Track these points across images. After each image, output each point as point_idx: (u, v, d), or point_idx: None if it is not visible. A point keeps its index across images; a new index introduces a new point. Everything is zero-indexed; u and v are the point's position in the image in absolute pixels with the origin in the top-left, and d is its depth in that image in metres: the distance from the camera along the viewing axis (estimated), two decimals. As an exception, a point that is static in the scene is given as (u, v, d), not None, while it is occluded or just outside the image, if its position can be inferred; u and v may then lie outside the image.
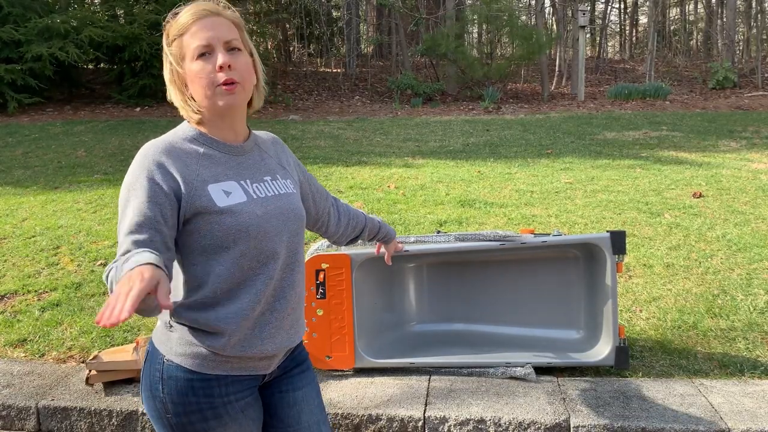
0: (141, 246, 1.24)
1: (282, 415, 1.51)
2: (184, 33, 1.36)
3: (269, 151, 1.53)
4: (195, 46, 1.34)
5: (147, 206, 1.27)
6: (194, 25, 1.35)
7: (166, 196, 1.29)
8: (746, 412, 2.46)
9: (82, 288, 3.77)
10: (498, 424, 2.48)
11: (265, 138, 1.56)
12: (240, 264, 1.35)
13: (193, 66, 1.35)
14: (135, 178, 1.31)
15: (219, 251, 1.34)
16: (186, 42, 1.36)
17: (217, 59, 1.33)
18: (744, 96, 12.73)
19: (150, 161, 1.31)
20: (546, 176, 5.98)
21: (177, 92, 1.40)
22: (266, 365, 1.45)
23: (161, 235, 1.28)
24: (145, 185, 1.29)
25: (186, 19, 1.36)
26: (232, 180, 1.38)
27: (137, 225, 1.26)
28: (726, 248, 4.00)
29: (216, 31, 1.35)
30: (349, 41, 17.12)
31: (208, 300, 1.35)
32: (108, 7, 12.79)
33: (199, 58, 1.34)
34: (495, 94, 12.83)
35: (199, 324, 1.35)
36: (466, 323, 3.16)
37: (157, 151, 1.33)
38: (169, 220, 1.30)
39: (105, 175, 6.47)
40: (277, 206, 1.41)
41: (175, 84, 1.40)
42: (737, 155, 6.80)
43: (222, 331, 1.34)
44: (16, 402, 2.72)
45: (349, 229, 1.82)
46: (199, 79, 1.34)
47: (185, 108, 1.40)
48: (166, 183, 1.30)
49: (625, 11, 23.76)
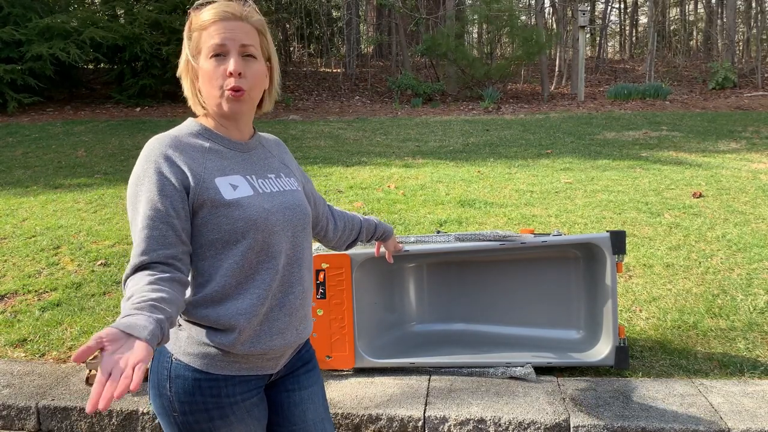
0: (155, 245, 1.26)
1: (288, 414, 1.52)
2: (204, 28, 1.36)
3: (273, 151, 1.54)
4: (210, 45, 1.34)
5: (158, 200, 1.28)
6: (214, 24, 1.35)
7: (175, 188, 1.30)
8: (746, 412, 2.46)
9: (82, 288, 3.77)
10: (498, 424, 2.48)
11: (269, 138, 1.57)
12: (247, 257, 1.35)
13: (205, 64, 1.35)
14: (143, 172, 1.31)
15: (227, 245, 1.34)
16: (204, 38, 1.36)
17: (230, 64, 1.34)
18: (744, 96, 12.73)
19: (157, 155, 1.31)
20: (546, 176, 5.98)
21: (188, 83, 1.41)
22: (273, 365, 1.45)
23: (174, 229, 1.29)
24: (154, 179, 1.29)
25: (208, 16, 1.36)
26: (238, 174, 1.39)
27: (150, 219, 1.27)
28: (726, 248, 4.00)
29: (233, 34, 1.34)
30: (349, 41, 17.12)
31: (216, 295, 1.35)
32: (108, 7, 12.79)
33: (213, 57, 1.35)
34: (495, 94, 12.83)
35: (209, 321, 1.35)
36: (466, 323, 3.16)
37: (164, 144, 1.33)
38: (181, 212, 1.31)
39: (105, 175, 6.47)
40: (282, 202, 1.42)
41: (188, 74, 1.41)
42: (737, 155, 6.80)
43: (232, 327, 1.35)
44: (16, 402, 2.72)
45: (346, 232, 1.82)
46: (209, 79, 1.35)
47: (193, 99, 1.42)
48: (175, 175, 1.30)
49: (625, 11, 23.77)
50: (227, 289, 1.35)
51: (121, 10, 12.71)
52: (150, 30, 11.79)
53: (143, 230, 1.27)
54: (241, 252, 1.34)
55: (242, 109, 1.38)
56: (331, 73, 17.09)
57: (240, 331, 1.35)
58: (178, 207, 1.30)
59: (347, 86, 15.45)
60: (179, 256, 1.30)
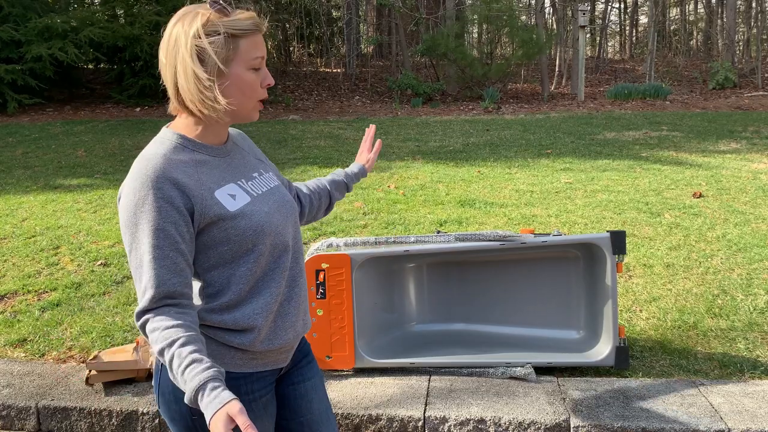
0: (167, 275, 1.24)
1: (294, 406, 1.54)
2: (242, 36, 1.30)
3: (245, 148, 1.52)
4: (255, 57, 1.32)
5: (163, 227, 1.24)
6: (254, 36, 1.32)
7: (179, 212, 1.26)
8: (746, 412, 2.46)
9: (82, 288, 3.77)
10: (498, 424, 2.48)
11: (236, 135, 1.53)
12: (259, 263, 1.36)
13: (246, 75, 1.32)
14: (141, 198, 1.24)
15: (238, 255, 1.34)
16: (244, 47, 1.31)
17: (266, 78, 1.36)
18: (744, 96, 12.73)
19: (153, 179, 1.25)
20: (546, 176, 5.98)
21: (201, 85, 1.29)
22: (285, 358, 1.47)
23: (183, 256, 1.27)
24: (156, 206, 1.24)
25: (248, 24, 1.31)
26: (231, 182, 1.38)
27: (158, 248, 1.24)
28: (726, 248, 4.00)
29: (264, 48, 1.36)
30: (349, 41, 17.11)
31: (232, 302, 1.35)
32: (108, 8, 12.79)
33: (253, 69, 1.33)
34: (495, 94, 12.83)
35: (227, 324, 1.35)
36: (466, 323, 3.16)
37: (157, 167, 1.26)
38: (186, 236, 1.28)
39: (105, 175, 6.47)
40: (274, 200, 1.43)
41: (204, 75, 1.29)
42: (737, 155, 6.80)
43: (251, 327, 1.36)
44: (16, 402, 2.72)
45: (315, 204, 1.75)
46: (250, 90, 1.34)
47: (201, 101, 1.31)
48: (176, 199, 1.26)
49: (625, 11, 23.76)
50: (242, 294, 1.36)
51: (120, 11, 12.71)
52: (150, 30, 11.79)
53: (153, 260, 1.24)
54: (253, 259, 1.35)
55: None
56: (331, 73, 17.09)
57: (259, 330, 1.37)
58: (183, 231, 1.27)
59: (347, 86, 15.45)
60: (188, 282, 1.30)
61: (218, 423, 1.12)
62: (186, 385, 1.17)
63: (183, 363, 1.18)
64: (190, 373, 1.17)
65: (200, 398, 1.15)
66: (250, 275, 1.35)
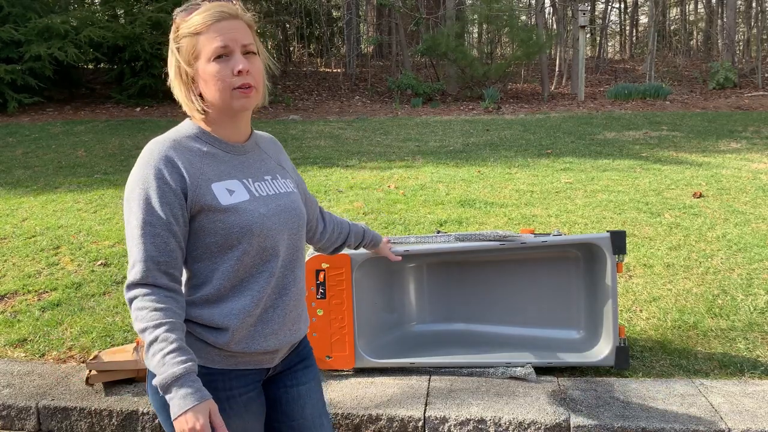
0: (154, 252, 1.28)
1: (287, 410, 1.53)
2: (200, 32, 1.34)
3: (269, 152, 1.54)
4: (213, 48, 1.33)
5: (158, 206, 1.29)
6: (213, 26, 1.33)
7: (175, 194, 1.31)
8: (746, 412, 2.46)
9: (82, 288, 3.77)
10: (498, 424, 2.48)
11: (265, 138, 1.57)
12: (243, 261, 1.36)
13: (209, 67, 1.34)
14: (143, 176, 1.31)
15: (223, 249, 1.35)
16: (202, 42, 1.34)
17: (237, 64, 1.34)
18: (744, 96, 12.73)
19: (157, 159, 1.31)
20: (546, 176, 5.98)
21: (183, 88, 1.39)
22: (270, 359, 1.46)
23: (174, 236, 1.31)
24: (155, 185, 1.30)
25: (204, 18, 1.34)
26: (235, 179, 1.39)
27: (150, 225, 1.29)
28: (726, 248, 4.00)
29: (234, 34, 1.34)
30: (349, 41, 17.11)
31: (211, 297, 1.37)
32: (108, 7, 12.79)
33: (216, 59, 1.34)
34: (495, 94, 12.83)
35: (203, 320, 1.36)
36: (466, 323, 3.16)
37: (163, 148, 1.33)
38: (180, 219, 1.32)
39: (105, 175, 6.47)
40: (278, 205, 1.43)
41: (181, 80, 1.39)
42: (737, 155, 6.80)
43: (225, 327, 1.36)
44: (16, 402, 2.72)
45: (335, 234, 1.83)
46: (216, 81, 1.34)
47: (188, 105, 1.40)
48: (174, 181, 1.31)
49: (625, 11, 23.76)
50: (222, 291, 1.37)
51: (120, 10, 12.71)
52: (150, 30, 11.79)
53: (143, 236, 1.28)
54: (236, 256, 1.36)
55: (251, 105, 1.39)
56: (331, 73, 17.09)
57: (233, 332, 1.37)
58: (177, 213, 1.31)
59: (347, 86, 15.45)
60: (177, 264, 1.32)
61: (191, 418, 1.19)
62: (162, 368, 1.21)
63: (166, 348, 1.22)
64: (172, 360, 1.21)
65: (176, 387, 1.20)
66: (233, 273, 1.36)
